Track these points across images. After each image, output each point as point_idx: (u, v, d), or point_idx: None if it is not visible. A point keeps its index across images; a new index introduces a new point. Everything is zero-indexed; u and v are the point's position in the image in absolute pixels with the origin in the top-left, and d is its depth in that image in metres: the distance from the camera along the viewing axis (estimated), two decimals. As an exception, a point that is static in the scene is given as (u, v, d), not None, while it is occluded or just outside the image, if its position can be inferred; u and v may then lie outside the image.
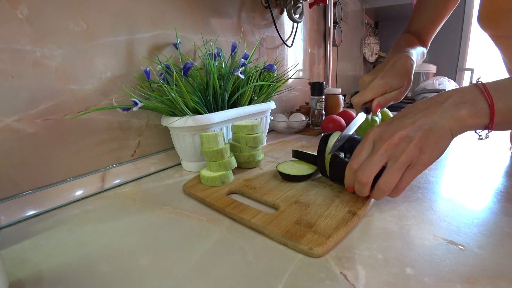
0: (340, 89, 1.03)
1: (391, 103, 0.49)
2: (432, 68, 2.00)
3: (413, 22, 0.63)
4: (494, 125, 0.31)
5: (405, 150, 0.32)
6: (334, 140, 0.41)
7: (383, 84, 0.47)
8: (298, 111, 1.09)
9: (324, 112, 0.87)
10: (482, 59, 2.41)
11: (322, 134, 0.45)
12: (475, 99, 0.31)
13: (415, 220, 0.34)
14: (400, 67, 0.49)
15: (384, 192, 0.33)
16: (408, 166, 0.32)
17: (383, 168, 0.33)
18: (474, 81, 0.33)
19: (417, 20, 0.62)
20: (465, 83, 2.47)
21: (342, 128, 0.77)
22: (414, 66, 0.52)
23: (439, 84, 1.49)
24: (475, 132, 0.34)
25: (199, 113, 0.51)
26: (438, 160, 0.55)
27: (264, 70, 0.66)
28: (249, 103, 0.63)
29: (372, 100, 0.48)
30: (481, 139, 0.34)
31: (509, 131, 0.61)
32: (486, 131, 0.33)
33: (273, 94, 0.69)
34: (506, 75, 0.56)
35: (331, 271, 0.27)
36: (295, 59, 1.14)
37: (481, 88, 0.31)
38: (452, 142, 0.33)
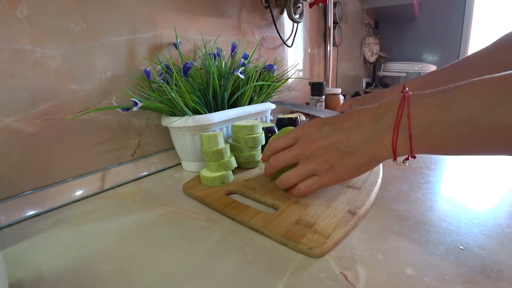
0: (340, 89, 1.03)
1: None
2: (432, 68, 2.00)
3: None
4: (413, 153, 0.28)
5: (315, 161, 0.34)
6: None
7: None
8: (298, 111, 1.09)
9: (324, 112, 0.86)
10: (482, 59, 2.41)
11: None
12: (403, 124, 0.27)
13: (415, 220, 0.34)
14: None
15: (283, 184, 0.38)
16: (314, 174, 0.35)
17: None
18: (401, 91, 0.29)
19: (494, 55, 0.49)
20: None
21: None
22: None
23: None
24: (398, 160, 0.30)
25: (199, 113, 0.51)
26: (438, 160, 0.55)
27: (264, 70, 0.66)
28: (249, 103, 0.63)
29: None
30: (398, 164, 0.30)
31: None
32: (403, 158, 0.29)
33: (273, 94, 0.69)
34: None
35: (331, 271, 0.27)
36: (295, 59, 1.14)
37: (406, 108, 0.27)
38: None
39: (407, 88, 0.28)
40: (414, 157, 0.28)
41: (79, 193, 0.45)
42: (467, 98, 0.24)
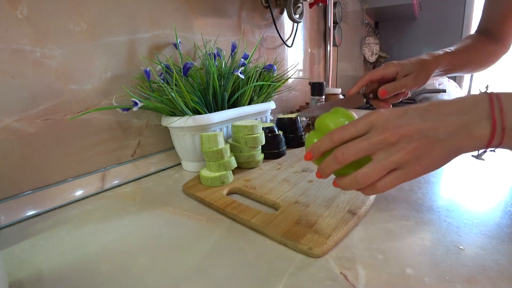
0: (340, 89, 1.03)
1: (401, 90, 0.46)
2: (432, 68, 2.00)
3: (482, 18, 0.55)
4: (501, 147, 0.27)
5: (401, 150, 0.28)
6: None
7: (395, 64, 0.45)
8: (298, 111, 1.09)
9: (324, 112, 0.86)
10: (482, 59, 2.41)
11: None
12: (498, 116, 0.27)
13: (415, 220, 0.34)
14: (414, 59, 0.47)
15: (359, 184, 0.29)
16: (396, 168, 0.29)
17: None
18: (484, 90, 0.31)
19: (486, 14, 0.54)
20: (465, 83, 2.47)
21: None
22: (438, 68, 0.47)
23: (439, 84, 1.49)
24: (479, 152, 0.31)
25: (199, 113, 0.51)
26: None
27: (264, 70, 0.66)
28: (249, 103, 0.63)
29: (379, 86, 0.46)
30: (478, 158, 0.31)
31: None
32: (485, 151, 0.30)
33: (273, 94, 0.69)
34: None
35: (331, 271, 0.27)
36: (295, 59, 1.14)
37: (498, 102, 0.27)
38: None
39: (488, 88, 0.29)
40: (494, 151, 0.28)
41: (79, 193, 0.45)
42: None
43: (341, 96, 1.01)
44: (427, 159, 0.28)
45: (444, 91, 1.27)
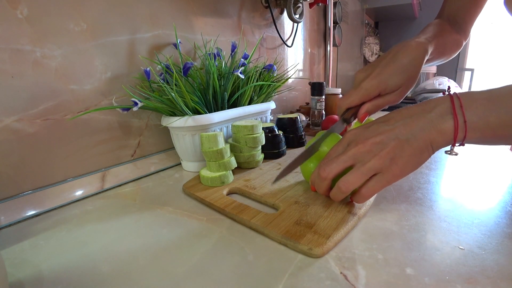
0: (340, 89, 1.03)
1: (386, 106, 0.42)
2: (432, 68, 2.00)
3: (446, 4, 0.53)
4: (465, 141, 0.29)
5: (375, 156, 0.30)
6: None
7: (376, 84, 0.39)
8: (298, 111, 1.09)
9: (324, 112, 0.87)
10: (482, 59, 2.41)
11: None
12: (459, 111, 0.29)
13: (415, 220, 0.34)
14: (402, 58, 0.39)
15: (342, 192, 0.33)
16: (376, 173, 0.31)
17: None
18: (447, 92, 0.31)
19: (450, 1, 0.53)
20: (465, 83, 2.47)
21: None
22: (427, 56, 0.42)
23: (439, 84, 1.49)
24: (450, 146, 0.32)
25: (199, 113, 0.51)
26: (438, 160, 0.55)
27: (264, 70, 0.66)
28: (249, 103, 0.63)
29: (361, 105, 0.42)
30: (451, 154, 0.32)
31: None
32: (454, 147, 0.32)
33: (273, 94, 0.69)
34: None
35: (331, 271, 0.27)
36: (295, 59, 1.14)
37: (458, 100, 0.29)
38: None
39: (450, 90, 0.31)
40: (463, 145, 0.30)
41: (79, 193, 0.45)
42: None
43: (340, 96, 1.01)
44: (401, 160, 0.30)
45: (444, 91, 1.28)
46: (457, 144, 0.30)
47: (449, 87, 0.33)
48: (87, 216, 0.39)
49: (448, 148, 0.31)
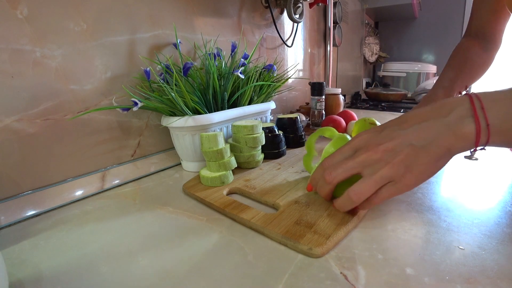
0: (340, 89, 1.03)
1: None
2: (432, 68, 2.00)
3: (472, 21, 0.53)
4: (488, 145, 0.27)
5: (387, 164, 0.28)
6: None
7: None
8: (298, 111, 1.09)
9: (324, 112, 0.87)
10: (482, 59, 2.41)
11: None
12: (480, 113, 0.27)
13: (415, 220, 0.34)
14: None
15: (353, 202, 0.31)
16: (389, 182, 0.29)
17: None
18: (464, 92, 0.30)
19: (476, 17, 0.53)
20: (465, 83, 2.46)
21: (342, 129, 0.77)
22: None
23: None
24: (471, 151, 0.29)
25: (199, 113, 0.51)
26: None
27: (264, 70, 0.66)
28: (249, 103, 0.63)
29: None
30: (471, 159, 0.29)
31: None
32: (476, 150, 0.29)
33: (273, 94, 0.69)
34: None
35: (331, 271, 0.27)
36: (295, 59, 1.14)
37: (478, 102, 0.27)
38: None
39: (468, 89, 0.29)
40: (485, 149, 0.28)
41: (79, 193, 0.45)
42: None
43: (341, 96, 1.01)
44: (416, 168, 0.28)
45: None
46: (478, 149, 0.28)
47: (466, 86, 0.31)
48: (87, 216, 0.39)
49: (467, 153, 0.29)
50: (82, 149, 0.47)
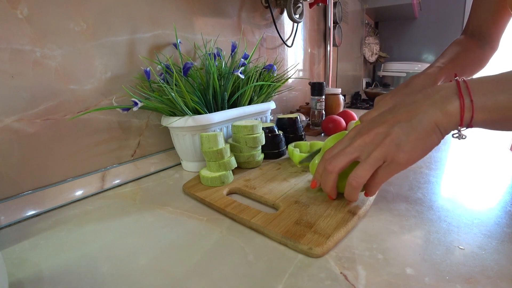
0: (340, 89, 1.03)
1: None
2: (432, 68, 2.00)
3: (471, 19, 0.53)
4: (473, 122, 0.28)
5: (379, 145, 0.30)
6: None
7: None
8: (298, 111, 1.09)
9: (324, 112, 0.87)
10: (482, 59, 2.41)
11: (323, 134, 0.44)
12: (465, 92, 0.28)
13: (415, 220, 0.34)
14: (414, 86, 0.43)
15: (354, 188, 0.32)
16: (384, 163, 0.31)
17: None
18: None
19: (475, 16, 0.52)
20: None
21: (342, 129, 0.77)
22: (440, 81, 0.45)
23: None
24: (458, 129, 0.30)
25: (199, 113, 0.51)
26: (438, 160, 0.55)
27: (264, 70, 0.66)
28: (249, 103, 0.63)
29: None
30: (459, 137, 0.30)
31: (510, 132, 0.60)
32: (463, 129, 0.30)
33: (273, 94, 0.69)
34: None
35: (331, 271, 0.27)
36: (295, 59, 1.14)
37: (464, 83, 0.29)
38: (451, 142, 0.32)
39: (457, 77, 0.30)
40: (471, 126, 0.29)
41: (79, 193, 0.45)
42: None
43: (341, 96, 1.01)
44: (407, 145, 0.29)
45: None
46: (464, 127, 0.29)
47: (455, 74, 0.32)
48: (87, 216, 0.39)
49: (455, 132, 0.30)
50: (82, 149, 0.47)
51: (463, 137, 0.30)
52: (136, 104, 0.47)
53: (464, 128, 0.29)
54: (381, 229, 0.33)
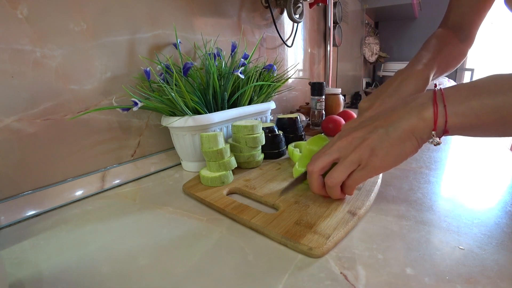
0: (340, 89, 1.03)
1: None
2: (432, 68, 2.00)
3: (451, 11, 0.53)
4: (448, 127, 0.29)
5: (355, 149, 0.32)
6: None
7: None
8: (298, 111, 1.09)
9: (324, 112, 0.87)
10: (482, 59, 2.41)
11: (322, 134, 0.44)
12: (439, 98, 0.29)
13: (415, 220, 0.34)
14: (405, 88, 0.43)
15: (330, 187, 0.34)
16: (359, 166, 0.32)
17: None
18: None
19: (455, 8, 0.52)
20: (466, 81, 2.47)
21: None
22: (429, 83, 0.44)
23: (439, 84, 1.49)
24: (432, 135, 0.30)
25: (199, 113, 0.51)
26: (438, 160, 0.55)
27: (264, 70, 0.66)
28: (249, 103, 0.63)
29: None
30: (432, 142, 0.30)
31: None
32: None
33: (273, 94, 0.69)
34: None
35: (331, 271, 0.27)
36: (295, 59, 1.14)
37: (440, 91, 0.30)
38: (452, 142, 0.32)
39: (438, 86, 0.31)
40: (447, 132, 0.29)
41: (79, 193, 0.45)
42: (496, 84, 0.27)
43: (341, 96, 1.01)
44: (381, 151, 0.30)
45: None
46: (440, 133, 0.29)
47: (435, 85, 0.33)
48: (87, 216, 0.39)
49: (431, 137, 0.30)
50: (82, 149, 0.47)
51: (437, 143, 0.30)
52: (136, 104, 0.47)
53: (438, 135, 0.30)
54: (381, 229, 0.33)
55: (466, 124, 0.28)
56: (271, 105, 0.68)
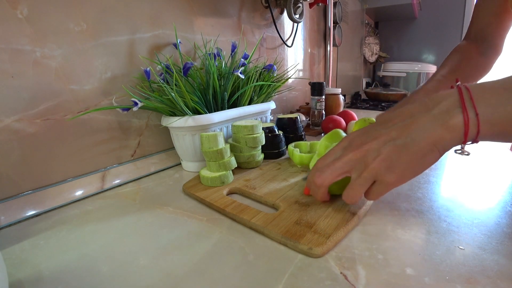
0: (340, 89, 1.03)
1: None
2: (432, 68, 2.00)
3: (473, 24, 0.52)
4: (479, 137, 0.26)
5: (369, 165, 0.28)
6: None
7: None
8: (298, 111, 1.09)
9: (324, 112, 0.87)
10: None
11: (323, 134, 0.44)
12: (468, 103, 0.25)
13: (415, 220, 0.34)
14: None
15: (350, 203, 0.32)
16: (375, 182, 0.29)
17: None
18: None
19: (476, 21, 0.51)
20: (465, 83, 2.46)
21: (342, 129, 0.77)
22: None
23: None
24: (461, 146, 0.27)
25: (199, 113, 0.51)
26: (439, 160, 0.55)
27: (264, 70, 0.66)
28: (249, 103, 0.63)
29: None
30: (462, 153, 0.28)
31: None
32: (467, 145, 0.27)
33: (273, 94, 0.69)
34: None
35: (331, 271, 0.27)
36: (295, 59, 1.14)
37: (467, 92, 0.26)
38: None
39: (459, 81, 0.27)
40: (477, 142, 0.26)
41: (79, 193, 0.45)
42: None
43: (341, 97, 1.01)
44: (398, 167, 0.27)
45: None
46: (469, 142, 0.26)
47: (457, 79, 0.29)
48: (87, 216, 0.39)
49: (458, 147, 0.27)
50: (82, 149, 0.47)
51: (467, 153, 0.27)
52: (136, 104, 0.47)
53: (469, 143, 0.26)
54: (381, 229, 0.33)
55: (499, 132, 0.24)
56: (271, 105, 0.68)
